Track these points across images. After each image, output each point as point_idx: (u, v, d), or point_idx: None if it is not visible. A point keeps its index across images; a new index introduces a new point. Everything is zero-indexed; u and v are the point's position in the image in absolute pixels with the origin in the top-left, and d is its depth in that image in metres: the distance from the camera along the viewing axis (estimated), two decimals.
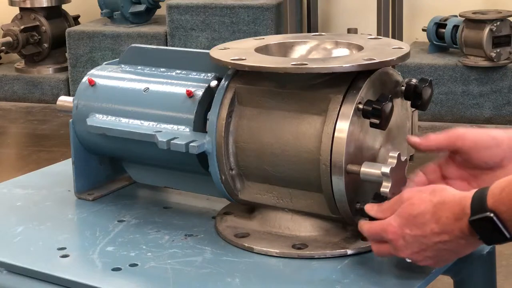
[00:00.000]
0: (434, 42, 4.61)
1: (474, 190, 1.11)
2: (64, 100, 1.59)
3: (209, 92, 1.40)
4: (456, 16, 4.52)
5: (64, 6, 5.45)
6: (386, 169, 1.22)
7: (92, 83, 1.53)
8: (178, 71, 1.49)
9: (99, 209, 1.52)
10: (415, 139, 1.29)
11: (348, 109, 1.25)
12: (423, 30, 4.66)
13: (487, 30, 4.28)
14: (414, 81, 1.33)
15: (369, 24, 4.74)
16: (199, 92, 1.41)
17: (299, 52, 1.45)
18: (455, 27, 4.46)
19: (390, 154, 1.24)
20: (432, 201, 1.14)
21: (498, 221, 1.07)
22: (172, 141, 1.36)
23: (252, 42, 1.46)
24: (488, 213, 1.08)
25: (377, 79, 1.29)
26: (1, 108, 5.22)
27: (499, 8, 4.51)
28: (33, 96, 5.27)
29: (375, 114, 1.24)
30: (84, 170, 1.56)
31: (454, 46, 4.50)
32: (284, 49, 1.45)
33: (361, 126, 1.27)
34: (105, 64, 1.60)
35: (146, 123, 1.44)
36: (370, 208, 1.23)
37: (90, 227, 1.44)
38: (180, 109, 1.42)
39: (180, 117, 1.41)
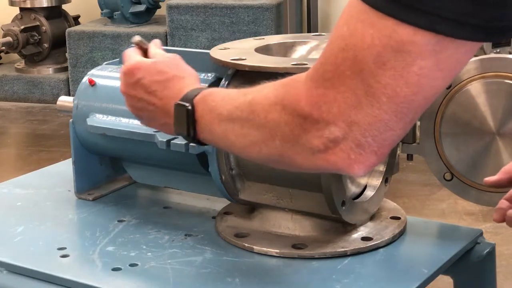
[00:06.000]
0: None
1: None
2: (64, 100, 1.60)
3: None
4: None
5: (64, 6, 5.45)
6: None
7: (92, 83, 1.54)
8: None
9: (99, 209, 1.52)
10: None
11: None
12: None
13: None
14: None
15: None
16: None
17: (299, 52, 1.45)
18: None
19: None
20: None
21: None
22: (172, 141, 1.36)
23: (252, 42, 1.46)
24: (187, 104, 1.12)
25: None
26: (1, 108, 5.22)
27: None
28: (33, 96, 5.27)
29: None
30: (84, 170, 1.56)
31: None
32: (284, 49, 1.45)
33: None
34: (105, 64, 1.60)
35: None
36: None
37: (90, 227, 1.44)
38: None
39: None
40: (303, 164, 0.98)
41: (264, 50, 1.41)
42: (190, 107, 1.12)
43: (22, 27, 5.22)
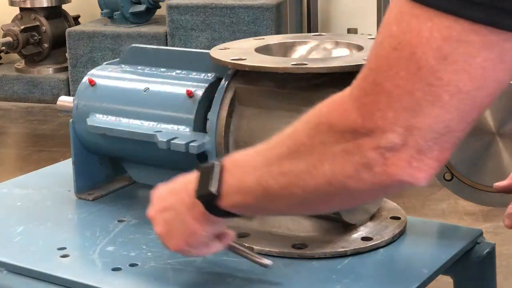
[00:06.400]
0: None
1: None
2: (64, 100, 1.60)
3: (209, 92, 1.40)
4: None
5: (64, 6, 5.45)
6: None
7: (92, 83, 1.54)
8: (178, 71, 1.49)
9: (99, 209, 1.52)
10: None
11: None
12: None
13: None
14: None
15: (369, 24, 4.74)
16: (199, 92, 1.41)
17: (299, 52, 1.45)
18: None
19: None
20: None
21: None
22: (172, 141, 1.36)
23: (252, 42, 1.46)
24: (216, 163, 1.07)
25: None
26: (1, 108, 5.22)
27: None
28: (33, 96, 5.27)
29: None
30: (84, 170, 1.56)
31: None
32: (284, 49, 1.45)
33: None
34: (105, 64, 1.60)
35: (146, 123, 1.44)
36: None
37: (90, 227, 1.44)
38: (180, 109, 1.42)
39: (180, 117, 1.42)
40: (357, 187, 0.90)
41: (264, 50, 1.41)
42: (216, 165, 1.05)
43: (22, 27, 5.22)
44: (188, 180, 1.12)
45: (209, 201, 1.07)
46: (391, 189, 0.90)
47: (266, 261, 1.23)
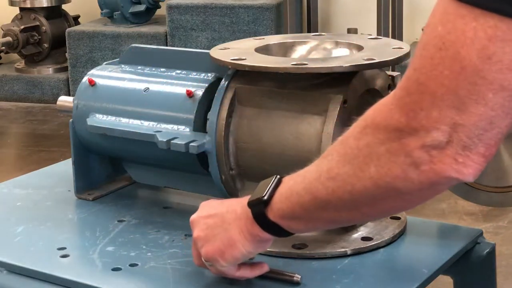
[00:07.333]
0: None
1: None
2: (64, 100, 1.59)
3: (209, 92, 1.40)
4: None
5: (64, 6, 5.45)
6: None
7: (92, 83, 1.54)
8: (178, 71, 1.49)
9: (99, 209, 1.52)
10: None
11: None
12: (423, 30, 4.66)
13: None
14: None
15: (369, 24, 4.74)
16: (199, 92, 1.41)
17: (299, 52, 1.45)
18: None
19: None
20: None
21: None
22: (172, 141, 1.36)
23: (252, 42, 1.46)
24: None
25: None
26: (1, 108, 5.22)
27: None
28: (33, 96, 5.27)
29: None
30: (84, 170, 1.56)
31: None
32: (284, 49, 1.45)
33: None
34: (105, 64, 1.60)
35: (146, 123, 1.44)
36: None
37: (90, 227, 1.44)
38: (180, 109, 1.42)
39: (180, 117, 1.41)
40: (405, 188, 0.91)
41: (264, 50, 1.41)
42: (275, 177, 1.08)
43: (22, 27, 5.22)
44: (247, 197, 1.13)
45: (258, 207, 1.08)
46: (439, 187, 0.91)
47: (297, 276, 1.21)
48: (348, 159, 0.95)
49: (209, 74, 1.44)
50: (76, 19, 5.53)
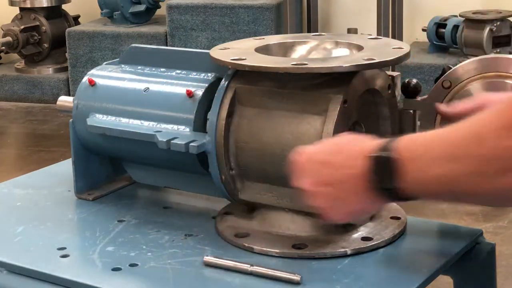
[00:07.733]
0: (434, 42, 4.61)
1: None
2: (64, 100, 1.60)
3: (209, 92, 1.40)
4: (456, 16, 4.52)
5: (64, 6, 5.45)
6: None
7: (92, 83, 1.54)
8: (178, 71, 1.49)
9: (99, 209, 1.52)
10: (443, 107, 1.29)
11: None
12: (423, 30, 4.66)
13: (487, 30, 4.28)
14: (414, 81, 1.35)
15: (369, 24, 4.74)
16: (199, 92, 1.41)
17: (299, 52, 1.45)
18: (455, 27, 4.46)
19: None
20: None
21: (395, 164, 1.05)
22: (172, 141, 1.36)
23: (252, 42, 1.46)
24: (389, 153, 1.05)
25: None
26: (1, 108, 5.22)
27: (499, 8, 4.50)
28: (33, 96, 5.27)
29: None
30: (84, 170, 1.56)
31: (454, 46, 4.50)
32: (284, 49, 1.45)
33: None
34: (105, 64, 1.60)
35: (146, 123, 1.44)
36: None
37: (90, 227, 1.44)
38: (180, 109, 1.42)
39: (180, 117, 1.41)
40: None
41: (264, 50, 1.41)
42: (392, 156, 1.05)
43: (22, 27, 5.22)
44: (350, 156, 1.11)
45: (392, 193, 1.08)
46: None
47: (296, 276, 1.21)
48: (486, 158, 0.95)
49: (209, 74, 1.44)
50: (76, 19, 5.53)
